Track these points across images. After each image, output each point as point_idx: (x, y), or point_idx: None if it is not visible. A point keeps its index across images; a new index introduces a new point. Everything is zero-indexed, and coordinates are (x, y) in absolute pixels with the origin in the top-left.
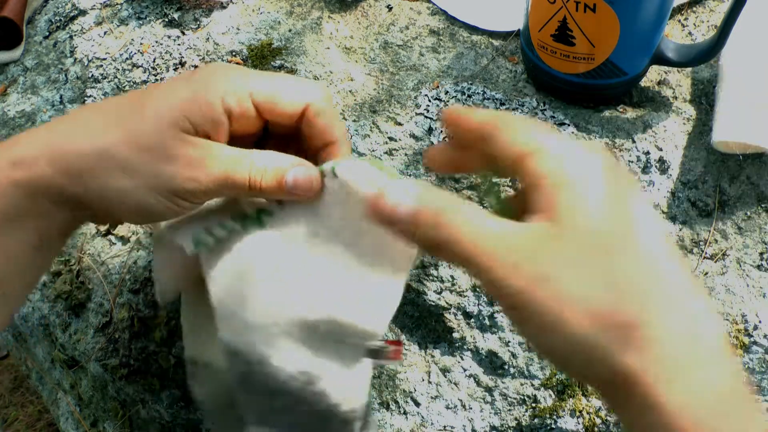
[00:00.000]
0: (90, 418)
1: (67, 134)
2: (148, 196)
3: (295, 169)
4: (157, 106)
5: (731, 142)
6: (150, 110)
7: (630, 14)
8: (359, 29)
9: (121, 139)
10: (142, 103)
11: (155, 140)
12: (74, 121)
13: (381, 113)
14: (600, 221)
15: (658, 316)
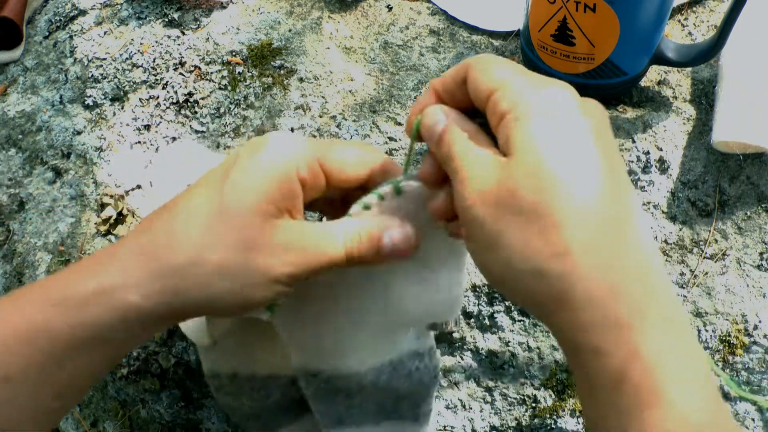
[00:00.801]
0: (90, 418)
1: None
2: (249, 292)
3: (390, 231)
4: (237, 195)
5: (731, 142)
6: (232, 201)
7: (630, 14)
8: (359, 29)
9: (210, 241)
10: (221, 195)
11: (245, 234)
12: (158, 231)
13: (381, 113)
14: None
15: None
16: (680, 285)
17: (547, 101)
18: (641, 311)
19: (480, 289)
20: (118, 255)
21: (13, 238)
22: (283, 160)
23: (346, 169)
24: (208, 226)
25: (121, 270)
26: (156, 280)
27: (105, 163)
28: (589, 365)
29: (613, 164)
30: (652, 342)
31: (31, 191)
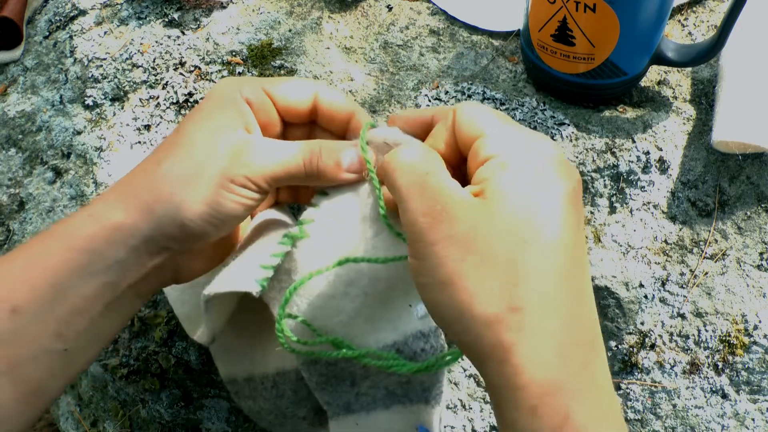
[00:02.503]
0: (90, 418)
1: (129, 179)
2: (213, 198)
3: (350, 149)
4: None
5: (731, 142)
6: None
7: (630, 14)
8: (359, 29)
9: (172, 158)
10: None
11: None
12: (135, 167)
13: (381, 113)
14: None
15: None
16: (680, 285)
17: (533, 155)
18: (580, 378)
19: None
20: (104, 194)
21: (13, 238)
22: (226, 90)
23: (290, 94)
24: (170, 150)
25: (104, 200)
26: (130, 198)
27: (105, 163)
28: (522, 423)
29: (579, 233)
30: (585, 410)
31: (31, 191)
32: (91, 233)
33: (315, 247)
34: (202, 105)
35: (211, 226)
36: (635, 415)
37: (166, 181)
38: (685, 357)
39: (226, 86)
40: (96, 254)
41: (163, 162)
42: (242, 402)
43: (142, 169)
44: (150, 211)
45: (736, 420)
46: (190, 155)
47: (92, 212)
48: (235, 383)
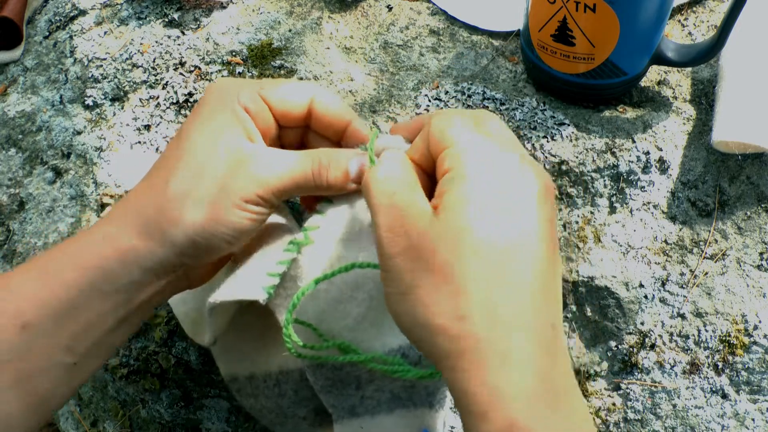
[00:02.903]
0: (90, 418)
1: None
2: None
3: (356, 159)
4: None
5: (731, 142)
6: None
7: (630, 14)
8: (359, 29)
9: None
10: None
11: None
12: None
13: (381, 113)
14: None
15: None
16: (680, 285)
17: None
18: (525, 385)
19: None
20: (113, 212)
21: (13, 238)
22: (223, 94)
23: (286, 99)
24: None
25: (116, 221)
26: (143, 222)
27: (105, 163)
28: (475, 428)
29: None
30: (532, 413)
31: (31, 191)
32: (106, 254)
33: (320, 254)
34: (201, 111)
35: (225, 243)
36: (635, 415)
37: (178, 202)
38: (685, 357)
39: (222, 91)
40: (110, 274)
41: (172, 181)
42: (244, 400)
43: (150, 187)
44: (164, 234)
45: (736, 420)
46: (199, 174)
47: (105, 233)
48: (237, 381)
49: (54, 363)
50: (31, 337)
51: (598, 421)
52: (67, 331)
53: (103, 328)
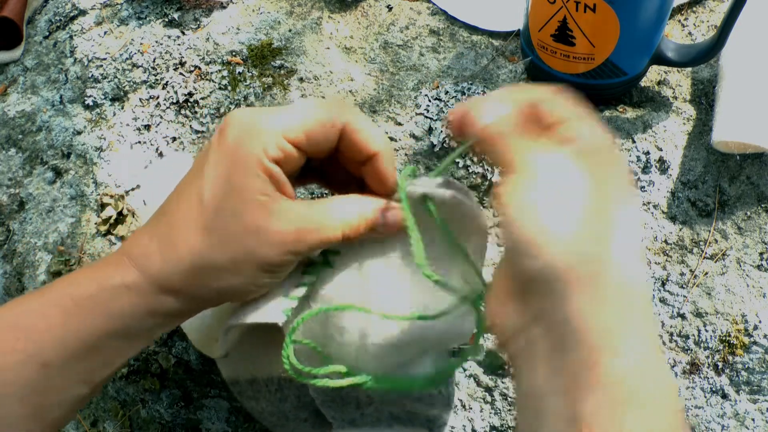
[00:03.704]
0: (90, 418)
1: (163, 256)
2: (257, 279)
3: (388, 212)
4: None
5: (731, 142)
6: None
7: (630, 14)
8: (359, 29)
9: (209, 244)
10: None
11: (237, 230)
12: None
13: (381, 113)
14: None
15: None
16: (680, 285)
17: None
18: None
19: None
20: (133, 257)
21: (13, 238)
22: (248, 146)
23: (314, 140)
24: (200, 229)
25: (138, 272)
26: (168, 283)
27: (105, 163)
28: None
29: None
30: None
31: (31, 191)
32: (131, 304)
33: (338, 280)
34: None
35: (249, 295)
36: None
37: (206, 270)
38: (685, 357)
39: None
40: (136, 321)
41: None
42: (245, 402)
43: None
44: (192, 294)
45: (736, 420)
46: (225, 240)
47: (130, 284)
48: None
49: (70, 395)
50: (50, 374)
51: None
52: (86, 368)
53: (120, 362)
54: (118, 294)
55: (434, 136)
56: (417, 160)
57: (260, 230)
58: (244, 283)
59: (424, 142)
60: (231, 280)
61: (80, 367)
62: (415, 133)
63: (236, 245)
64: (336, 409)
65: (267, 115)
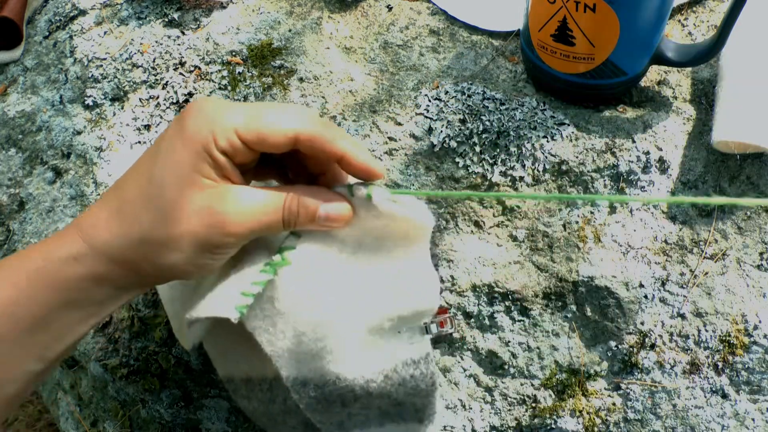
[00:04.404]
0: (90, 418)
1: (110, 228)
2: (197, 259)
3: (326, 206)
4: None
5: (731, 142)
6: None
7: (630, 14)
8: (359, 29)
9: (153, 219)
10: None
11: (184, 209)
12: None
13: (381, 113)
14: None
15: None
16: (680, 285)
17: None
18: None
19: (480, 289)
20: (82, 229)
21: (13, 238)
22: (201, 133)
23: (266, 138)
24: (147, 205)
25: (86, 243)
26: (114, 254)
27: (105, 163)
28: None
29: None
30: None
31: (31, 191)
32: (79, 275)
33: (297, 274)
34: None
35: (193, 275)
36: (635, 415)
37: (149, 244)
38: (685, 357)
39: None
40: (83, 292)
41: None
42: (239, 400)
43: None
44: (137, 267)
45: (736, 420)
46: (171, 219)
47: (77, 255)
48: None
49: (23, 371)
50: (2, 350)
51: (598, 420)
52: (39, 342)
53: (74, 337)
54: (66, 265)
55: (434, 136)
56: (417, 160)
57: (200, 210)
58: (183, 262)
59: (424, 142)
60: (171, 256)
61: (32, 342)
62: (415, 133)
63: (176, 222)
64: (322, 410)
65: (226, 108)
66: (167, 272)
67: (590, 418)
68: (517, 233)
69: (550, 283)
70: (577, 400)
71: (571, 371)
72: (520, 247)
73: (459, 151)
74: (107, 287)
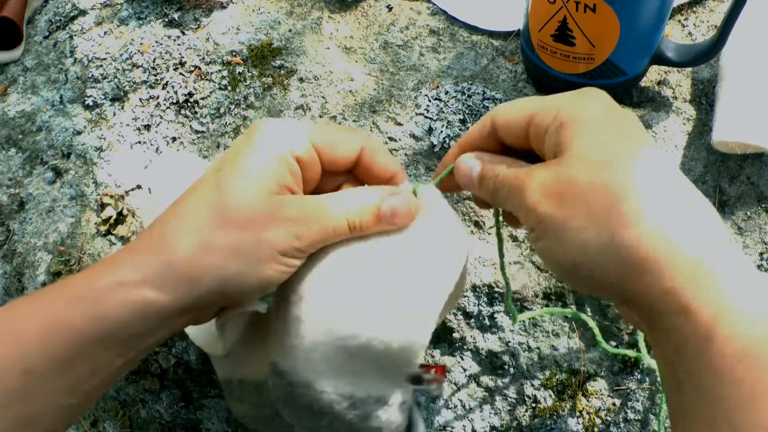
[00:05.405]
0: (90, 418)
1: (164, 240)
2: (261, 269)
3: (389, 199)
4: (237, 178)
5: (731, 142)
6: (232, 185)
7: (630, 14)
8: (359, 29)
9: (216, 226)
10: (221, 181)
11: (249, 213)
12: (167, 224)
13: (381, 113)
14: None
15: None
16: None
17: (584, 105)
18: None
19: (480, 289)
20: (132, 253)
21: (13, 238)
22: (277, 141)
23: (337, 150)
24: (213, 213)
25: (135, 267)
26: (168, 272)
27: (105, 163)
28: (677, 328)
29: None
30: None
31: (31, 191)
32: (121, 305)
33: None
34: (245, 154)
35: (254, 293)
36: (635, 415)
37: (214, 252)
38: None
39: (271, 135)
40: (124, 325)
41: (208, 229)
42: (232, 403)
43: (180, 231)
44: (194, 284)
45: None
46: (236, 225)
47: (123, 280)
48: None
49: (57, 405)
50: (34, 382)
51: (598, 420)
52: (71, 376)
53: (109, 371)
54: (108, 292)
55: (434, 136)
56: (417, 160)
57: (269, 214)
58: (248, 271)
59: (424, 142)
60: (236, 264)
61: (64, 376)
62: (415, 133)
63: (244, 227)
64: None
65: (295, 122)
66: (229, 286)
67: (590, 419)
68: (517, 233)
69: (550, 283)
70: (577, 400)
71: (571, 371)
72: (520, 247)
73: None
74: (152, 319)
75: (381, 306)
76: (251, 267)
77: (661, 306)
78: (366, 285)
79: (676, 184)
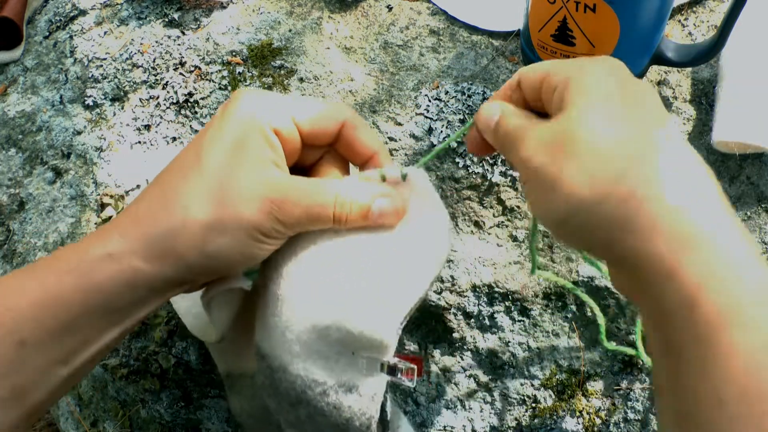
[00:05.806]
0: (90, 418)
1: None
2: (245, 246)
3: (379, 200)
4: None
5: (731, 142)
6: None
7: (630, 14)
8: (359, 29)
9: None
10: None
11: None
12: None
13: (381, 113)
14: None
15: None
16: None
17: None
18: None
19: (480, 289)
20: (119, 225)
21: (13, 238)
22: (255, 113)
23: (317, 123)
24: (194, 187)
25: (123, 238)
26: (155, 244)
27: (105, 163)
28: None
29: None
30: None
31: (31, 191)
32: (111, 276)
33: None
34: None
35: (239, 267)
36: (635, 415)
37: (197, 228)
38: None
39: (250, 109)
40: (115, 295)
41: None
42: (231, 396)
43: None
44: (179, 258)
45: None
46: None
47: (112, 252)
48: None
49: (50, 376)
50: (27, 353)
51: (598, 420)
52: (64, 347)
53: (101, 342)
54: (98, 264)
55: (434, 136)
56: (417, 160)
57: (251, 192)
58: (229, 247)
59: (424, 142)
60: (218, 240)
61: (57, 346)
62: (415, 133)
63: (226, 204)
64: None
65: (276, 96)
66: (213, 261)
67: (590, 418)
68: (517, 233)
69: (550, 283)
70: (577, 400)
71: (571, 371)
72: (520, 247)
73: (459, 151)
74: (141, 288)
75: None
76: (233, 243)
77: (648, 269)
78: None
79: (674, 150)
